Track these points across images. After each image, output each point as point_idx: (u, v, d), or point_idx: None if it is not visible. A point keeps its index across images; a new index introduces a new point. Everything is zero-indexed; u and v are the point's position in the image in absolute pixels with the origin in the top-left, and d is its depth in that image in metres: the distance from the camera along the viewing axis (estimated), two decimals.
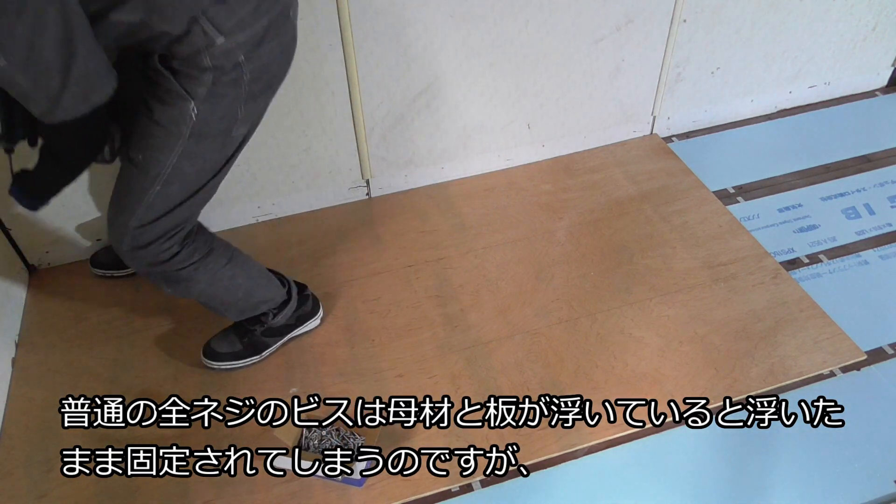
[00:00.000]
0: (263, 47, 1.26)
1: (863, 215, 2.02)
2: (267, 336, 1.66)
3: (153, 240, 1.37)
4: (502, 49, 1.92)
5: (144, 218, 1.34)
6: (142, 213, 1.34)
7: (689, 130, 2.38)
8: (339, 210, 2.10)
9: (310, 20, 1.69)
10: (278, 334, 1.67)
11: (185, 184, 1.35)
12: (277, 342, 1.68)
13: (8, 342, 1.70)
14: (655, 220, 2.00)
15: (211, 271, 1.47)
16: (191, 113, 1.25)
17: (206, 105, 1.26)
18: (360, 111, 1.91)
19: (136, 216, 1.34)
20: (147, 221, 1.35)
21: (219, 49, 1.19)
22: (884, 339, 1.68)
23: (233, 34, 1.20)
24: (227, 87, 1.25)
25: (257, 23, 1.22)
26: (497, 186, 2.15)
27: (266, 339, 1.66)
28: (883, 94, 2.50)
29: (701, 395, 1.54)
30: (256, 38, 1.23)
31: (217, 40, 1.18)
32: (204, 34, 1.17)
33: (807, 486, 1.40)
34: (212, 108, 1.26)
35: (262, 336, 1.65)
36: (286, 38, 1.31)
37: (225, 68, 1.22)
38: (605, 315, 1.74)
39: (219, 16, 1.17)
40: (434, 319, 1.75)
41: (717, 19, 2.08)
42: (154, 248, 1.38)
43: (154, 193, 1.33)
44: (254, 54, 1.24)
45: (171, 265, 1.41)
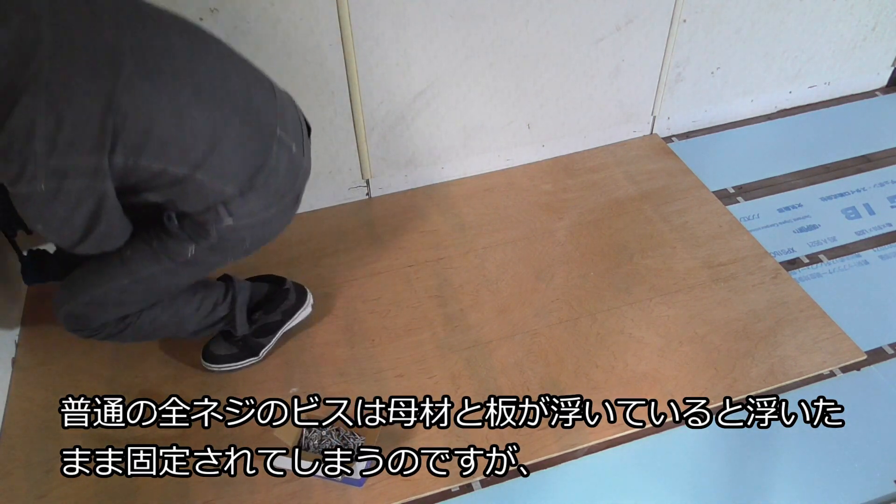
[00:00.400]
0: (268, 227, 1.41)
1: (863, 215, 2.02)
2: (259, 336, 1.64)
3: (92, 317, 1.42)
4: (502, 49, 1.92)
5: (97, 300, 1.39)
6: (98, 295, 1.39)
7: (689, 130, 2.38)
8: (339, 210, 2.10)
9: (310, 20, 1.69)
10: (270, 332, 1.65)
11: (151, 289, 1.42)
12: (271, 340, 1.66)
13: (8, 342, 1.70)
14: (655, 220, 2.00)
15: (133, 330, 1.48)
16: (189, 251, 1.35)
17: (205, 252, 1.37)
18: (360, 111, 1.91)
19: (89, 294, 1.39)
20: (97, 303, 1.39)
21: (226, 227, 1.32)
22: (884, 338, 1.68)
23: (241, 219, 1.33)
24: (228, 248, 1.39)
25: (266, 211, 1.36)
26: (497, 186, 2.15)
27: (259, 339, 1.65)
28: (883, 94, 2.50)
29: (701, 395, 1.54)
30: (263, 221, 1.37)
31: (226, 220, 1.31)
32: (216, 214, 1.30)
33: (807, 486, 1.40)
34: (209, 254, 1.38)
35: (254, 337, 1.64)
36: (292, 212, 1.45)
37: (229, 238, 1.35)
38: (606, 315, 1.74)
39: (233, 204, 1.30)
40: (434, 319, 1.75)
41: (717, 19, 2.08)
42: (89, 322, 1.43)
43: (119, 286, 1.38)
44: (258, 231, 1.39)
45: (96, 334, 1.46)
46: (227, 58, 1.29)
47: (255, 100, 1.30)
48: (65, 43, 1.06)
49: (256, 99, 1.30)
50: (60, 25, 1.06)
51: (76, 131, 1.06)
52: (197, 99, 1.19)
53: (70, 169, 1.08)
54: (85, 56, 1.07)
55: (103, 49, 1.09)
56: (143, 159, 1.16)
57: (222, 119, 1.23)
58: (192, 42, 1.22)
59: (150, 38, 1.15)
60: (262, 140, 1.30)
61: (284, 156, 1.34)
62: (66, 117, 1.05)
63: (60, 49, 1.05)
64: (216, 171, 1.25)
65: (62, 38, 1.05)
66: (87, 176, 1.11)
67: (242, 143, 1.27)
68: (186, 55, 1.19)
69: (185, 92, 1.17)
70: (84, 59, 1.07)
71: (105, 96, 1.08)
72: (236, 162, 1.27)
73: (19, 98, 1.02)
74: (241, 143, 1.26)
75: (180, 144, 1.19)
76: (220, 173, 1.25)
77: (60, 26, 1.06)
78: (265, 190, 1.32)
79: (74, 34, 1.07)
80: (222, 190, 1.27)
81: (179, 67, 1.18)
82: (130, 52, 1.11)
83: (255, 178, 1.30)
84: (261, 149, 1.30)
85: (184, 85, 1.17)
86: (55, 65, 1.04)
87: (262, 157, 1.30)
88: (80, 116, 1.06)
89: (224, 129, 1.23)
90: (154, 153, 1.17)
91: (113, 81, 1.08)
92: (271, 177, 1.32)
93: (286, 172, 1.35)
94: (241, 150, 1.27)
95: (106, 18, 1.11)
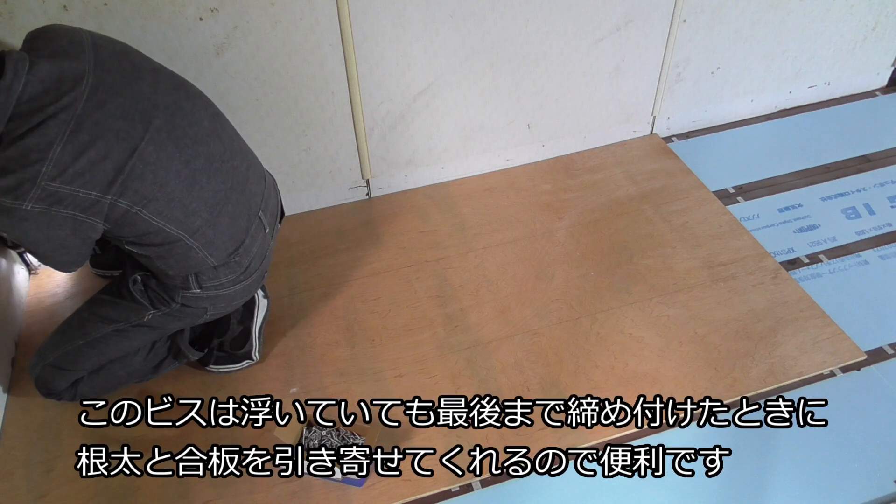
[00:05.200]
0: (231, 300, 1.46)
1: (863, 215, 2.02)
2: (237, 349, 1.61)
3: (54, 381, 1.47)
4: (502, 49, 1.92)
5: (56, 362, 1.45)
6: (58, 357, 1.45)
7: (689, 130, 2.38)
8: (339, 210, 2.10)
9: (310, 20, 1.69)
10: (244, 341, 1.62)
11: (103, 352, 1.46)
12: (252, 344, 1.62)
13: (8, 342, 1.70)
14: (655, 220, 2.00)
15: (87, 388, 1.52)
16: (146, 316, 1.43)
17: (162, 318, 1.43)
18: (360, 111, 1.91)
19: (52, 355, 1.45)
20: (57, 365, 1.45)
21: (192, 295, 1.39)
22: (884, 338, 1.68)
23: (208, 290, 1.39)
24: (187, 315, 1.44)
25: (233, 286, 1.42)
26: (497, 186, 2.15)
27: (239, 351, 1.61)
28: (883, 94, 2.50)
29: (701, 394, 1.54)
30: (227, 295, 1.43)
31: (193, 290, 1.37)
32: (186, 282, 1.36)
33: (807, 486, 1.40)
34: (166, 320, 1.44)
35: (232, 348, 1.61)
36: (255, 288, 1.50)
37: (191, 307, 1.41)
38: (605, 315, 1.74)
39: (205, 276, 1.36)
40: (434, 319, 1.75)
41: (716, 19, 2.08)
42: (54, 387, 1.48)
43: (72, 348, 1.44)
44: (220, 303, 1.45)
45: (62, 397, 1.51)
46: (235, 139, 1.37)
47: (250, 181, 1.39)
48: (104, 87, 1.13)
49: (251, 180, 1.39)
50: (102, 71, 1.14)
51: (91, 166, 1.11)
52: (208, 169, 1.26)
53: (67, 197, 1.11)
54: (120, 101, 1.14)
55: (139, 99, 1.17)
56: (146, 212, 1.21)
57: (224, 193, 1.30)
58: (212, 117, 1.31)
59: (180, 101, 1.24)
60: (247, 219, 1.38)
61: (259, 236, 1.41)
62: (86, 151, 1.10)
63: (98, 91, 1.12)
64: (207, 241, 1.31)
65: (102, 82, 1.13)
66: (81, 209, 1.14)
67: (234, 220, 1.34)
68: (207, 126, 1.26)
69: (200, 160, 1.24)
70: (118, 104, 1.14)
71: (132, 142, 1.13)
72: (226, 236, 1.33)
73: (46, 122, 1.07)
74: (234, 219, 1.33)
75: (185, 207, 1.25)
76: (210, 244, 1.31)
77: (102, 72, 1.14)
78: (237, 266, 1.40)
79: (115, 81, 1.15)
80: (205, 260, 1.33)
81: (200, 135, 1.24)
82: (163, 108, 1.20)
83: (233, 254, 1.36)
84: (244, 227, 1.38)
85: (200, 153, 1.24)
86: (90, 103, 1.11)
87: (243, 235, 1.37)
88: (101, 153, 1.11)
89: (224, 205, 1.30)
90: (159, 208, 1.21)
91: (143, 131, 1.15)
92: (244, 255, 1.40)
93: (258, 252, 1.43)
94: (232, 227, 1.34)
95: (145, 75, 1.20)
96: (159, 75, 1.23)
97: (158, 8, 1.56)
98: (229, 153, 1.32)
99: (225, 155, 1.31)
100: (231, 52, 1.67)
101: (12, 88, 1.06)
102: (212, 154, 1.27)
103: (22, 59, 1.08)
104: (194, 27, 1.61)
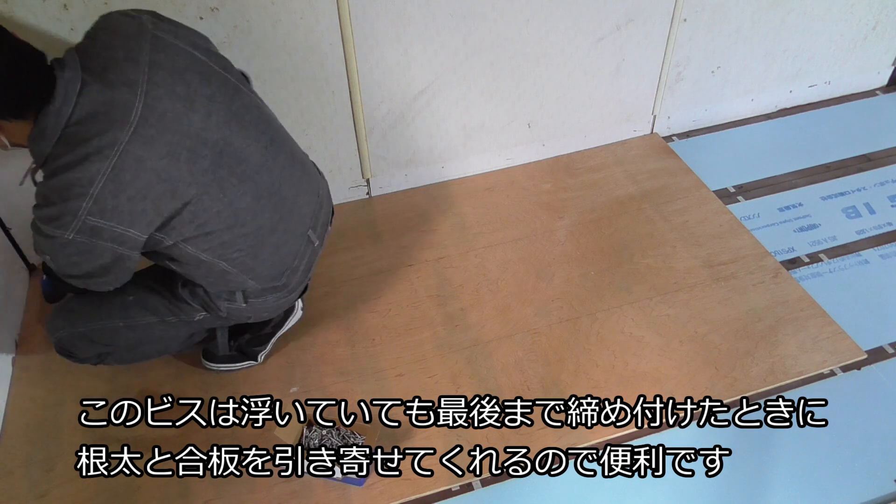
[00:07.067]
0: (274, 310, 1.50)
1: (863, 214, 2.02)
2: (254, 346, 1.63)
3: (81, 349, 1.46)
4: (502, 48, 1.92)
5: (88, 334, 1.44)
6: (90, 330, 1.43)
7: (690, 130, 2.37)
8: (340, 209, 2.09)
9: (310, 19, 1.69)
10: (263, 342, 1.64)
11: (142, 338, 1.47)
12: (266, 347, 1.65)
13: (8, 341, 1.70)
14: (656, 220, 2.00)
15: (115, 360, 1.53)
16: (196, 316, 1.44)
17: (213, 320, 1.46)
18: (361, 110, 1.91)
19: (84, 326, 1.43)
20: (87, 338, 1.44)
21: (236, 307, 1.42)
22: (884, 338, 1.68)
23: (254, 306, 1.43)
24: (231, 319, 1.47)
25: (277, 302, 1.46)
26: (497, 186, 2.15)
27: (254, 348, 1.63)
28: (883, 94, 2.50)
29: (701, 394, 1.54)
30: (271, 307, 1.47)
31: (238, 303, 1.41)
32: (233, 296, 1.40)
33: (807, 486, 1.40)
34: (214, 321, 1.47)
35: (249, 346, 1.63)
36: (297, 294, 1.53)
37: (235, 315, 1.45)
38: (606, 314, 1.74)
39: (252, 295, 1.40)
40: (434, 319, 1.75)
41: (717, 18, 2.08)
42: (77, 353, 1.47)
43: (112, 326, 1.43)
44: (264, 313, 1.49)
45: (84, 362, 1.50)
46: (288, 167, 1.33)
47: (300, 204, 1.37)
48: (153, 119, 1.09)
49: (301, 203, 1.38)
50: (153, 99, 1.09)
51: (131, 205, 1.09)
52: (254, 207, 1.25)
53: (106, 231, 1.11)
54: (168, 138, 1.11)
55: (187, 136, 1.13)
56: (185, 245, 1.21)
57: (269, 227, 1.29)
58: (265, 147, 1.26)
59: (232, 136, 1.20)
60: (295, 244, 1.40)
61: (307, 254, 1.42)
62: (125, 190, 1.08)
63: (146, 124, 1.09)
64: (247, 269, 1.32)
65: (151, 113, 1.09)
66: (119, 242, 1.14)
67: (279, 248, 1.34)
68: (258, 161, 1.24)
69: (246, 198, 1.23)
70: (165, 141, 1.11)
71: (173, 183, 1.11)
72: (268, 264, 1.36)
73: (90, 157, 1.06)
74: (278, 247, 1.34)
75: (224, 241, 1.24)
76: (251, 271, 1.33)
77: (153, 100, 1.09)
78: (283, 288, 1.44)
79: (165, 112, 1.11)
80: (245, 283, 1.35)
81: (247, 173, 1.22)
82: (212, 146, 1.16)
83: (278, 278, 1.41)
84: (291, 252, 1.40)
85: (246, 191, 1.22)
86: (136, 138, 1.08)
87: (290, 260, 1.38)
88: (141, 193, 1.09)
89: (269, 236, 1.30)
90: (198, 243, 1.22)
91: (187, 173, 1.12)
92: (292, 276, 1.43)
93: (305, 268, 1.46)
94: (276, 255, 1.35)
95: (198, 105, 1.15)
96: (213, 103, 1.18)
97: (159, 7, 1.56)
98: (278, 183, 1.30)
99: (273, 187, 1.29)
100: (231, 51, 1.67)
101: (62, 113, 1.06)
102: (259, 191, 1.26)
103: (73, 81, 1.07)
104: (194, 26, 1.59)
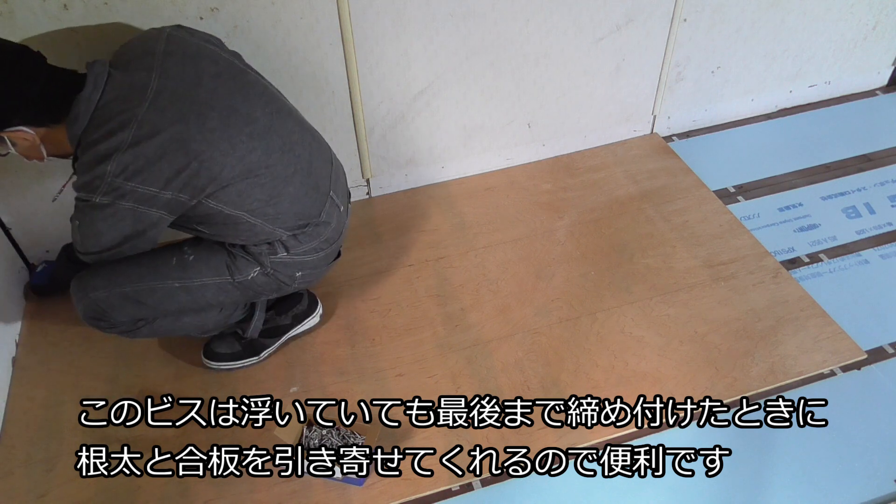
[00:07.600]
0: (314, 270, 1.55)
1: (863, 214, 2.02)
2: (264, 337, 1.65)
3: (118, 312, 1.45)
4: (502, 48, 1.92)
5: (134, 295, 1.43)
6: (140, 290, 1.43)
7: (690, 130, 2.37)
8: None
9: (310, 19, 1.69)
10: (275, 335, 1.67)
11: (195, 299, 1.47)
12: (275, 343, 1.68)
13: (8, 341, 1.70)
14: (656, 220, 2.00)
15: (149, 330, 1.51)
16: (251, 273, 1.47)
17: (262, 279, 1.48)
18: (361, 110, 1.91)
19: (131, 287, 1.42)
20: (133, 299, 1.43)
21: (280, 260, 1.47)
22: (884, 338, 1.68)
23: (295, 256, 1.49)
24: (279, 280, 1.50)
25: (316, 254, 1.52)
26: (497, 186, 2.15)
27: (264, 339, 1.66)
28: (883, 94, 2.50)
29: (701, 394, 1.54)
30: (312, 263, 1.52)
31: (280, 255, 1.46)
32: (273, 248, 1.46)
33: (807, 486, 1.40)
34: (264, 281, 1.49)
35: (260, 337, 1.65)
36: (332, 261, 1.61)
37: (280, 272, 1.49)
38: (606, 314, 1.74)
39: (289, 243, 1.47)
40: (434, 319, 1.75)
41: (717, 18, 2.08)
42: (111, 316, 1.45)
43: (167, 287, 1.43)
44: (307, 273, 1.53)
45: (113, 329, 1.48)
46: (298, 132, 1.45)
47: (315, 166, 1.48)
48: (165, 93, 1.25)
49: (315, 165, 1.48)
50: (166, 79, 1.27)
51: (149, 165, 1.23)
52: (266, 159, 1.36)
53: (129, 191, 1.24)
54: (179, 106, 1.26)
55: (195, 103, 1.27)
56: (207, 202, 1.33)
57: (284, 177, 1.39)
58: (271, 114, 1.39)
59: (236, 104, 1.33)
60: (317, 198, 1.48)
61: (335, 213, 1.52)
62: (143, 153, 1.22)
63: (160, 97, 1.25)
64: (269, 218, 1.41)
65: (164, 89, 1.25)
66: (142, 202, 1.26)
67: (299, 199, 1.43)
68: (265, 123, 1.37)
69: (257, 152, 1.34)
70: (176, 109, 1.25)
71: (184, 142, 1.25)
72: (290, 213, 1.43)
73: (115, 130, 1.22)
74: (298, 198, 1.43)
75: (241, 190, 1.34)
76: (274, 219, 1.41)
77: (166, 79, 1.27)
78: (316, 236, 1.49)
79: (176, 88, 1.27)
80: (273, 231, 1.43)
81: (256, 132, 1.35)
82: (219, 111, 1.29)
83: (305, 227, 1.47)
84: (315, 205, 1.47)
85: (256, 147, 1.34)
86: (151, 108, 1.24)
87: (316, 211, 1.48)
88: (158, 153, 1.23)
89: (284, 187, 1.40)
90: (218, 198, 1.33)
91: (196, 130, 1.26)
92: (322, 227, 1.50)
93: (336, 226, 1.54)
94: (297, 205, 1.43)
95: (205, 81, 1.31)
96: (220, 79, 1.33)
97: (159, 7, 1.56)
98: (289, 144, 1.41)
99: (285, 146, 1.40)
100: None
101: (91, 98, 1.24)
102: (270, 147, 1.36)
103: (101, 74, 1.26)
104: (195, 26, 1.61)
